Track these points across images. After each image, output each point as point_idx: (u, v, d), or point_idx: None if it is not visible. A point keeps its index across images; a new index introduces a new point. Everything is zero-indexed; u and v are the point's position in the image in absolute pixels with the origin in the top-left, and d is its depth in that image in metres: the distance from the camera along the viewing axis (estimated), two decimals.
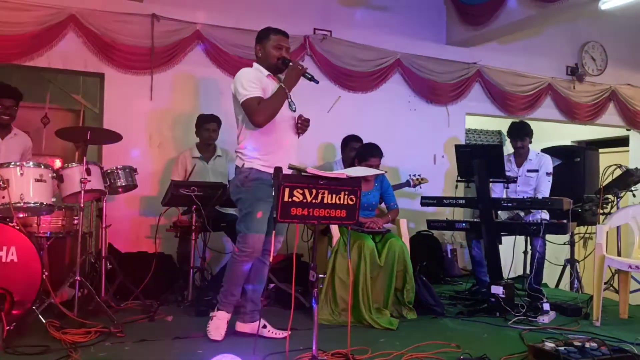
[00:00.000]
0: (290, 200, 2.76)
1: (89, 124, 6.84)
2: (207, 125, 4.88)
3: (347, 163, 5.12)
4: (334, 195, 2.86)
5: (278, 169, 2.79)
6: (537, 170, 5.07)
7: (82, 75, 5.53)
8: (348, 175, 2.87)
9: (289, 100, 3.42)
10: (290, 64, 3.38)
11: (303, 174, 2.85)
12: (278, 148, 3.38)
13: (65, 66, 4.98)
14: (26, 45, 4.74)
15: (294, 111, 3.47)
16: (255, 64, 3.47)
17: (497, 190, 5.03)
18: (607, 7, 4.94)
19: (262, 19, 5.49)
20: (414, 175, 5.70)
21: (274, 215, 2.75)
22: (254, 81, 3.31)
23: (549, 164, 5.10)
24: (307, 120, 3.49)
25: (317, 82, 3.48)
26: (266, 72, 3.43)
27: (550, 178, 5.05)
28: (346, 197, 2.89)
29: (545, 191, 4.99)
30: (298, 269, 4.19)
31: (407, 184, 5.66)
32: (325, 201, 2.84)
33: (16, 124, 4.35)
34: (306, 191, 2.80)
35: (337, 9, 5.97)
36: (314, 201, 2.81)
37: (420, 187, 5.73)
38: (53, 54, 4.88)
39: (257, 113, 3.26)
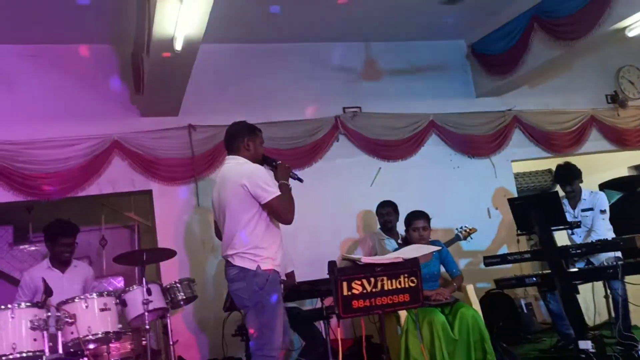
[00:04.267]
0: (350, 293, 2.71)
1: (144, 238, 7.04)
2: None
3: (383, 228, 5.21)
4: (394, 280, 2.80)
5: (332, 263, 2.75)
6: (592, 209, 4.88)
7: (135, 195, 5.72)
8: (404, 257, 2.81)
9: None
10: (279, 162, 3.47)
11: (358, 263, 2.80)
12: (281, 245, 3.38)
13: (115, 190, 5.17)
14: (77, 178, 4.96)
15: None
16: (244, 159, 3.40)
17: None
18: (634, 34, 4.85)
19: (292, 109, 5.70)
20: (462, 228, 5.51)
21: (336, 312, 2.69)
22: (271, 179, 3.34)
23: (603, 201, 4.94)
24: None
25: (302, 181, 3.51)
26: None
27: (606, 216, 4.88)
28: (406, 279, 2.83)
29: (599, 230, 4.81)
30: (370, 352, 4.07)
31: (457, 238, 5.44)
32: (385, 288, 2.78)
33: (77, 251, 4.48)
34: (364, 281, 2.75)
35: (363, 85, 6.07)
36: (374, 290, 2.75)
37: (472, 238, 5.51)
38: (102, 180, 5.10)
39: (289, 211, 3.27)
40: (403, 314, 4.11)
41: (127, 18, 4.68)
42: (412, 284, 2.81)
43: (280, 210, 3.27)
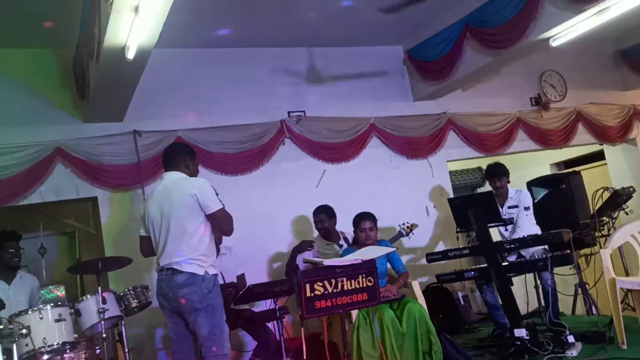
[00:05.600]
0: (312, 294, 2.85)
1: (84, 245, 6.90)
2: None
3: (321, 234, 5.23)
4: (352, 281, 2.97)
5: (295, 267, 2.88)
6: (517, 206, 5.24)
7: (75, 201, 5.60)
8: (362, 259, 2.99)
9: None
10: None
11: (319, 266, 2.95)
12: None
13: (58, 197, 5.07)
14: (18, 186, 4.83)
15: None
16: (185, 175, 3.66)
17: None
18: (557, 43, 5.25)
19: (238, 113, 5.76)
20: (404, 224, 5.75)
21: (299, 313, 2.82)
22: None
23: (527, 198, 5.30)
24: None
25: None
26: None
27: (529, 212, 5.23)
28: (364, 279, 3.00)
29: (523, 225, 5.14)
30: (319, 350, 4.22)
31: (400, 235, 5.64)
32: (345, 288, 2.94)
33: None
34: (326, 282, 2.90)
35: (307, 90, 6.21)
36: (335, 291, 2.91)
37: (413, 234, 5.76)
38: (45, 188, 4.98)
39: (230, 223, 3.56)
40: (354, 311, 4.30)
41: (70, 23, 4.60)
42: (369, 284, 3.00)
43: (223, 221, 3.54)
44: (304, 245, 5.01)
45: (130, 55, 3.72)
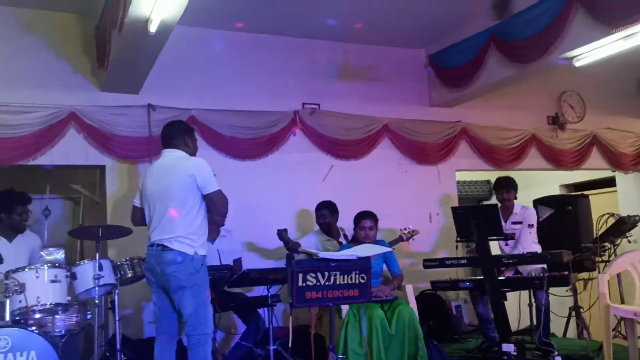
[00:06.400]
0: (304, 284, 2.87)
1: (88, 212, 6.96)
2: None
3: (322, 229, 5.23)
4: (345, 276, 2.98)
5: (291, 256, 2.90)
6: (521, 222, 5.22)
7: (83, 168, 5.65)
8: (358, 255, 3.00)
9: None
10: None
11: (314, 257, 2.97)
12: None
13: (67, 162, 5.12)
14: (30, 146, 4.88)
15: None
16: (185, 154, 3.68)
17: None
18: (581, 64, 5.21)
19: (252, 99, 5.78)
20: (405, 229, 5.73)
21: (289, 301, 2.84)
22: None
23: (532, 216, 5.27)
24: None
25: None
26: None
27: (532, 230, 5.20)
28: (357, 276, 3.01)
29: (525, 242, 5.12)
30: (307, 342, 4.25)
31: (400, 239, 5.62)
32: (337, 282, 2.96)
33: None
34: (319, 274, 2.92)
35: (324, 84, 6.20)
36: (327, 283, 2.93)
37: (414, 239, 5.75)
38: (55, 151, 5.02)
39: (225, 205, 3.59)
40: (344, 307, 4.32)
41: None
42: (362, 281, 3.01)
43: (219, 203, 3.57)
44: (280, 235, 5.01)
45: (153, 28, 3.74)
